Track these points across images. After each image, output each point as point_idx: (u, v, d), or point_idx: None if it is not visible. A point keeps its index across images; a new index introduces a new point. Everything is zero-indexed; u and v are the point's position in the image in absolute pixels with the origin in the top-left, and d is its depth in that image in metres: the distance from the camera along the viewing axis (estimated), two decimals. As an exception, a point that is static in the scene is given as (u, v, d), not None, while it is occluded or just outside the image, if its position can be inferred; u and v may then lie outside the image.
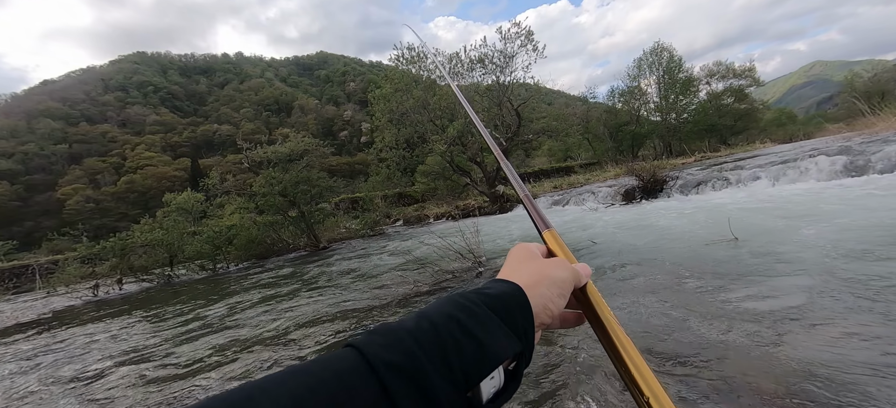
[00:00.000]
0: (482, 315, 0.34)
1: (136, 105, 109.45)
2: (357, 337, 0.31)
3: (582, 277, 0.44)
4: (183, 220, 16.01)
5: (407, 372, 0.28)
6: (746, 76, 27.70)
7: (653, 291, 3.22)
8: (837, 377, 1.71)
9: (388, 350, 0.29)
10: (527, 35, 14.75)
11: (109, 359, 4.17)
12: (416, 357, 0.29)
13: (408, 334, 0.31)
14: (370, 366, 0.28)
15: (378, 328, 0.32)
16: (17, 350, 5.57)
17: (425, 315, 0.34)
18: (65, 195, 66.80)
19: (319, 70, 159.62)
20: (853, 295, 2.44)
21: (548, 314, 0.39)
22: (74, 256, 15.73)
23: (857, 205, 4.70)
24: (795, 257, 3.32)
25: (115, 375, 3.61)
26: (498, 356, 0.32)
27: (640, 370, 0.38)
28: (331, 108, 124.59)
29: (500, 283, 0.40)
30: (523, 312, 0.37)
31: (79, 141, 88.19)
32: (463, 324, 0.33)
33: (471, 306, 0.35)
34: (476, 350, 0.31)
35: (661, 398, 0.37)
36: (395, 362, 0.28)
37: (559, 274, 0.42)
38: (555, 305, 0.40)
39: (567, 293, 0.42)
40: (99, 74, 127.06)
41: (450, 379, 0.29)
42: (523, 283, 0.39)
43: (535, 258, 0.45)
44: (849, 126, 14.61)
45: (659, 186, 9.89)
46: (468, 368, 0.31)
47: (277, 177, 14.06)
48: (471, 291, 0.37)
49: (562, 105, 28.32)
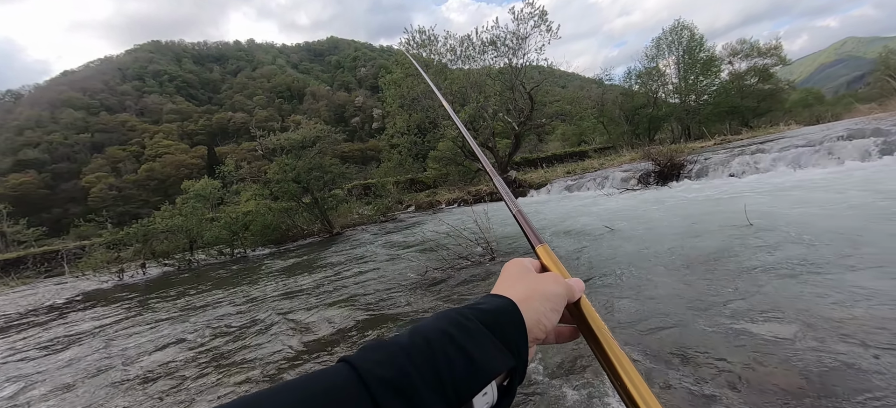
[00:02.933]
0: (475, 331, 0.34)
1: (152, 94, 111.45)
2: (350, 353, 0.31)
3: (575, 292, 0.45)
4: (201, 206, 16.34)
5: (399, 388, 0.28)
6: (772, 55, 26.50)
7: (663, 279, 3.17)
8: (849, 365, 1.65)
9: (380, 366, 0.29)
10: (540, 15, 14.37)
11: (139, 347, 4.34)
12: (407, 373, 0.29)
13: (401, 349, 0.31)
14: (362, 381, 0.28)
15: (371, 344, 0.32)
16: (38, 338, 5.84)
17: (419, 331, 0.34)
18: (89, 183, 69.08)
19: (330, 56, 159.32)
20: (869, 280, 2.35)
21: (541, 329, 0.40)
22: (100, 241, 16.30)
23: (871, 190, 4.50)
24: (810, 245, 3.21)
25: (146, 361, 3.76)
26: (490, 372, 0.32)
27: (635, 383, 0.38)
28: (342, 94, 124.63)
29: (493, 298, 0.40)
30: (516, 327, 0.37)
31: (100, 130, 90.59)
32: (455, 339, 0.33)
33: (464, 321, 0.35)
34: (468, 366, 0.32)
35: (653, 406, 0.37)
36: (387, 377, 0.29)
37: (552, 289, 0.42)
38: (548, 319, 0.40)
39: (560, 308, 0.42)
40: (116, 64, 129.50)
41: (442, 395, 0.30)
42: (517, 298, 0.39)
43: (528, 273, 0.45)
44: (882, 106, 13.92)
45: (676, 170, 9.64)
46: (460, 384, 0.31)
47: (291, 164, 14.20)
48: (465, 307, 0.37)
49: (576, 88, 27.69)
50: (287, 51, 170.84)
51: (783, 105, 27.70)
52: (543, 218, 8.20)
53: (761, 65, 26.68)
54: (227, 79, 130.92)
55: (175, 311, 5.68)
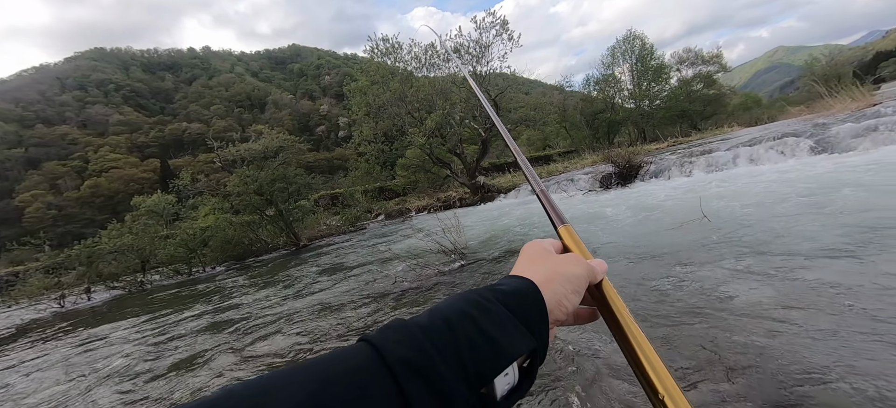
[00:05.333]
0: (496, 312, 0.34)
1: (97, 104, 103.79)
2: (370, 333, 0.31)
3: (597, 274, 0.44)
4: (154, 223, 15.36)
5: (420, 368, 0.28)
6: (714, 62, 28.66)
7: (632, 273, 3.32)
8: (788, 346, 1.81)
9: (401, 346, 0.29)
10: (502, 24, 14.74)
11: (82, 375, 3.99)
12: (428, 354, 0.29)
13: (421, 330, 0.31)
14: (384, 361, 0.28)
15: (391, 324, 0.32)
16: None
17: (438, 312, 0.34)
18: (23, 202, 63.02)
19: (292, 63, 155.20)
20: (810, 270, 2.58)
21: (562, 311, 0.39)
22: (37, 266, 14.93)
23: (806, 183, 4.97)
24: (759, 234, 3.48)
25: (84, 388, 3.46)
26: (511, 354, 0.32)
27: (656, 368, 0.37)
28: (306, 102, 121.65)
29: (513, 279, 0.39)
30: (538, 308, 0.37)
31: (36, 144, 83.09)
32: (476, 321, 0.33)
33: (484, 302, 0.35)
34: (489, 347, 0.31)
35: (675, 397, 0.35)
36: (409, 358, 0.28)
37: (573, 270, 0.42)
38: (569, 301, 0.40)
39: (582, 290, 0.42)
40: (54, 73, 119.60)
41: (463, 376, 0.29)
42: (537, 279, 0.39)
43: (548, 255, 0.45)
44: (809, 108, 15.34)
45: (634, 171, 10.14)
46: (481, 365, 0.31)
47: (252, 175, 13.67)
48: (484, 288, 0.37)
49: (539, 94, 28.58)
50: (246, 58, 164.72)
51: (726, 108, 29.91)
52: (515, 219, 8.36)
53: (705, 72, 28.77)
54: (180, 88, 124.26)
55: (110, 338, 5.27)
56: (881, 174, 4.63)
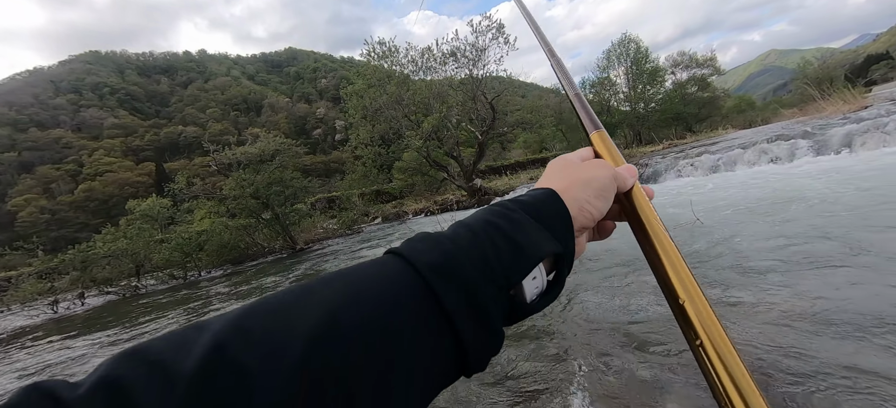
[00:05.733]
0: (519, 219, 0.34)
1: (91, 108, 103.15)
2: (395, 246, 0.31)
3: (627, 180, 0.42)
4: (149, 227, 15.25)
5: (449, 272, 0.29)
6: (708, 65, 28.89)
7: (621, 275, 3.34)
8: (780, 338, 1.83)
9: (428, 254, 0.30)
10: (498, 28, 14.80)
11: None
12: (456, 258, 0.29)
13: (447, 239, 0.31)
14: (414, 268, 0.28)
15: (416, 236, 0.32)
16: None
17: (462, 224, 0.34)
18: (16, 207, 62.39)
19: (289, 67, 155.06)
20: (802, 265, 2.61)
21: (586, 217, 0.38)
22: (30, 271, 14.79)
23: (806, 185, 5.02)
24: (753, 237, 3.51)
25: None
26: (538, 254, 0.32)
27: (681, 275, 0.35)
28: (303, 105, 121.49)
29: (534, 191, 0.39)
30: (560, 216, 0.36)
31: (29, 148, 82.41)
32: (500, 227, 0.33)
33: (507, 211, 0.35)
34: (515, 250, 0.32)
35: (697, 302, 0.33)
36: (436, 262, 0.29)
37: (595, 174, 0.41)
38: (592, 206, 0.39)
39: (607, 195, 0.40)
40: (48, 76, 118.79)
41: (491, 278, 0.30)
42: (558, 188, 0.39)
43: (571, 164, 0.44)
44: (802, 110, 15.50)
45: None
46: (508, 268, 0.31)
47: (248, 179, 13.62)
48: (507, 199, 0.37)
49: (535, 97, 28.71)
50: (242, 62, 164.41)
51: (721, 111, 30.14)
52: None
53: (700, 74, 28.99)
54: (176, 91, 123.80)
55: (100, 345, 5.23)
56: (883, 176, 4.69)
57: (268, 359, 0.22)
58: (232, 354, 0.21)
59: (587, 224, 0.39)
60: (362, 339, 0.25)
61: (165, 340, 0.22)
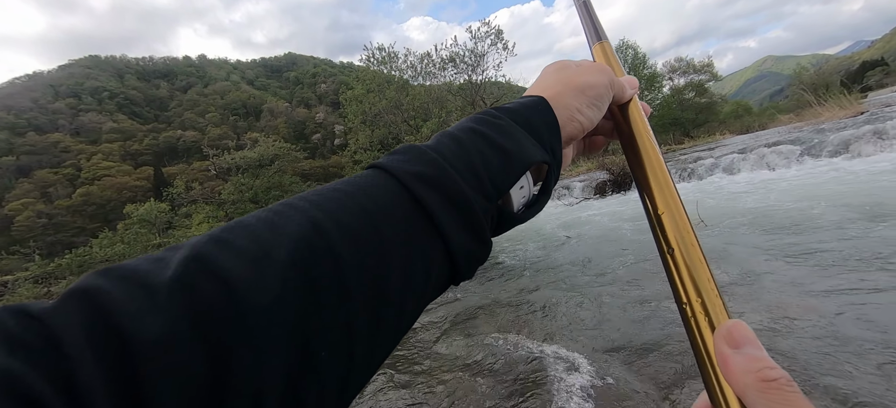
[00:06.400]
0: (504, 125, 0.32)
1: (90, 112, 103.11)
2: (379, 159, 0.30)
3: (626, 90, 0.40)
4: (147, 232, 15.21)
5: (433, 181, 0.28)
6: (705, 71, 29.10)
7: (625, 278, 3.34)
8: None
9: (412, 164, 0.28)
10: (496, 34, 14.92)
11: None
12: (441, 167, 0.28)
13: (430, 149, 0.30)
14: (398, 180, 0.27)
15: (398, 149, 0.31)
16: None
17: (446, 133, 0.33)
18: (13, 211, 62.12)
19: (288, 72, 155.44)
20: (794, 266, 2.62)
21: (575, 126, 0.36)
22: (26, 276, 14.69)
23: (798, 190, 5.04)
24: (753, 237, 3.52)
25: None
26: (524, 162, 0.31)
27: (662, 186, 0.33)
28: (302, 110, 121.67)
29: (523, 98, 0.37)
30: (548, 124, 0.34)
31: (27, 152, 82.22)
32: (486, 135, 0.31)
33: (491, 118, 0.33)
34: (501, 158, 0.30)
35: (675, 213, 0.32)
36: (422, 172, 0.28)
37: (589, 79, 0.37)
38: (583, 115, 0.36)
39: (601, 103, 0.38)
40: (47, 80, 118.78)
41: (478, 186, 0.29)
42: (548, 94, 0.36)
43: (565, 69, 0.40)
44: (798, 116, 15.60)
45: (628, 179, 10.23)
46: (495, 176, 0.30)
47: (248, 183, 13.63)
48: (492, 107, 0.35)
49: (534, 102, 28.82)
50: (242, 66, 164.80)
51: (718, 116, 30.31)
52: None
53: (697, 80, 29.20)
54: (175, 96, 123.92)
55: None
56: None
57: (251, 264, 0.21)
58: (212, 261, 0.20)
59: (576, 134, 0.37)
60: (352, 244, 0.23)
61: (142, 258, 0.21)
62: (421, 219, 0.26)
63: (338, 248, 0.23)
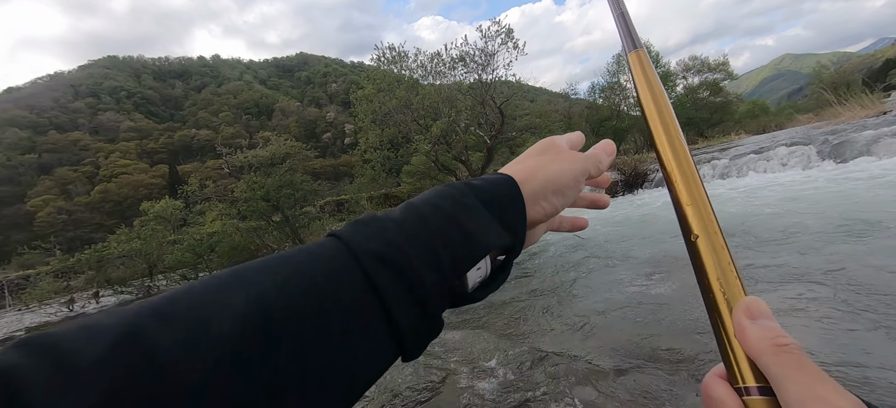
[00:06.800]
0: (469, 205, 0.33)
1: (108, 111, 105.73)
2: (340, 228, 0.30)
3: (603, 162, 0.42)
4: (162, 228, 15.52)
5: (389, 260, 0.28)
6: (720, 70, 28.55)
7: (637, 279, 3.30)
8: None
9: (370, 240, 0.28)
10: (507, 33, 14.84)
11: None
12: (399, 247, 0.28)
13: (393, 223, 0.30)
14: (353, 254, 0.27)
15: (363, 218, 0.31)
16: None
17: (411, 206, 0.33)
18: (35, 207, 64.08)
19: (300, 71, 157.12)
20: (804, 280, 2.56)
21: (538, 211, 0.37)
22: (47, 270, 15.16)
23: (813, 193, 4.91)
24: (768, 241, 3.45)
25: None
26: (484, 246, 0.31)
27: (690, 179, 0.34)
28: (313, 109, 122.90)
29: (492, 176, 0.38)
30: (514, 205, 0.35)
31: (48, 150, 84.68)
32: (449, 213, 0.32)
33: (458, 196, 0.33)
34: (462, 240, 0.31)
35: (700, 200, 0.33)
36: (378, 250, 0.28)
37: (562, 168, 0.39)
38: (548, 202, 0.38)
39: (569, 193, 0.39)
40: (68, 80, 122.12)
41: (435, 268, 0.29)
42: (518, 177, 0.37)
43: (544, 152, 0.41)
44: (818, 116, 15.21)
45: (640, 179, 10.11)
46: (454, 257, 0.30)
47: (260, 182, 13.80)
48: (460, 182, 0.36)
49: (544, 102, 28.65)
50: (254, 66, 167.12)
51: (733, 116, 29.73)
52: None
53: (712, 79, 28.66)
54: (190, 95, 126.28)
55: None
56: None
57: (185, 341, 0.20)
58: (145, 337, 0.19)
59: (539, 219, 0.38)
60: (295, 321, 0.23)
61: (77, 326, 0.20)
62: (371, 298, 0.26)
63: (280, 326, 0.23)
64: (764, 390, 0.25)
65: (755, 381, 0.26)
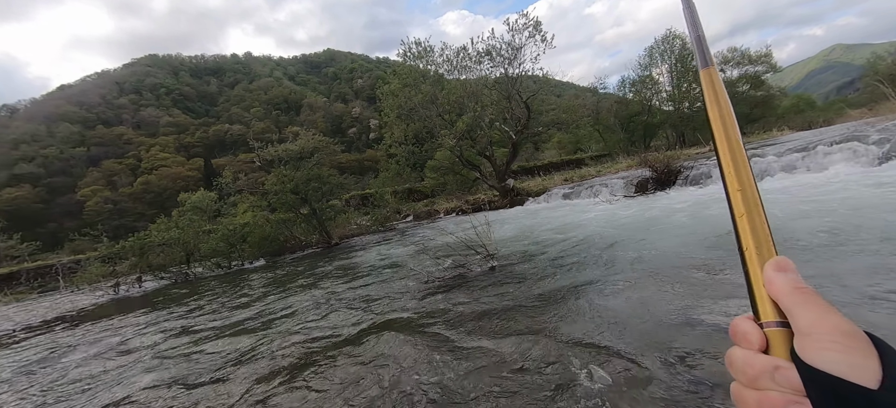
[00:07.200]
0: None
1: (149, 107, 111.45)
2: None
3: None
4: (198, 218, 16.26)
5: None
6: (763, 62, 26.96)
7: (666, 282, 3.18)
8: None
9: None
10: (535, 26, 14.55)
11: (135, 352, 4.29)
12: None
13: None
14: None
15: None
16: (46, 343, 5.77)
17: None
18: (84, 196, 68.61)
19: (327, 68, 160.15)
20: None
21: None
22: (95, 255, 16.19)
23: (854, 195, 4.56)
24: (801, 246, 3.24)
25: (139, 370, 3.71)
26: None
27: (740, 165, 0.40)
28: (339, 105, 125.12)
29: None
30: None
31: (96, 143, 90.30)
32: None
33: None
34: None
35: (748, 183, 0.38)
36: None
37: None
38: None
39: None
40: (113, 78, 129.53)
41: None
42: None
43: None
44: (872, 111, 14.14)
45: (673, 176, 9.72)
46: None
47: (289, 175, 14.21)
48: None
49: (571, 97, 27.99)
50: (284, 63, 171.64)
51: (775, 111, 28.08)
52: (545, 223, 8.23)
53: (753, 72, 27.11)
54: (224, 91, 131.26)
55: (174, 322, 5.62)
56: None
57: None
58: None
59: None
60: None
61: None
62: None
63: None
64: (781, 324, 0.31)
65: (775, 317, 0.32)
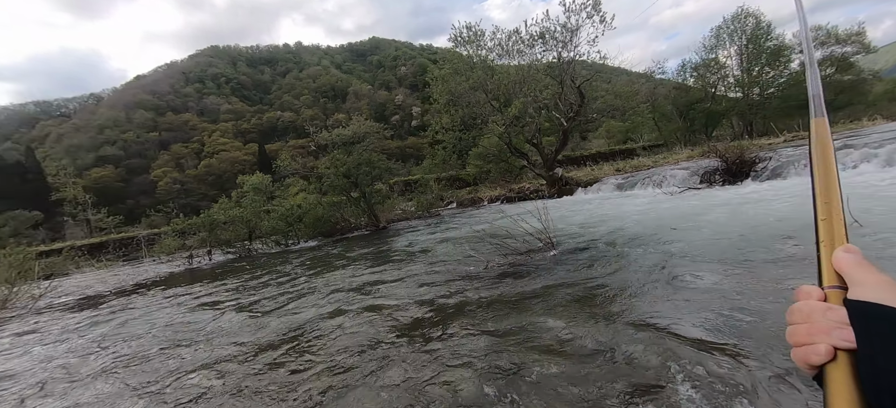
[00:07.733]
0: None
1: (211, 95, 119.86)
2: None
3: None
4: (259, 199, 17.38)
5: None
6: (853, 42, 23.82)
7: (745, 290, 2.94)
8: None
9: None
10: (593, 5, 13.78)
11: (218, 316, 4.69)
12: None
13: None
14: None
15: None
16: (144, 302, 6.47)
17: None
18: (157, 177, 75.76)
19: (372, 56, 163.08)
20: None
21: None
22: (169, 229, 17.82)
23: None
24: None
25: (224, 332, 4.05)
26: None
27: (828, 167, 0.46)
28: (383, 93, 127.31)
29: None
30: None
31: (166, 129, 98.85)
32: None
33: None
34: None
35: (830, 184, 0.45)
36: None
37: None
38: None
39: None
40: (180, 68, 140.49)
41: None
42: None
43: None
44: None
45: (747, 168, 8.95)
46: None
47: (342, 159, 14.74)
48: None
49: (625, 83, 26.50)
50: (331, 52, 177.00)
51: (866, 97, 24.88)
52: (599, 212, 7.93)
53: (840, 53, 24.06)
54: (276, 80, 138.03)
55: (264, 295, 6.07)
56: None
57: None
58: None
59: None
60: None
61: None
62: None
63: None
64: (839, 287, 0.39)
65: (836, 282, 0.40)
